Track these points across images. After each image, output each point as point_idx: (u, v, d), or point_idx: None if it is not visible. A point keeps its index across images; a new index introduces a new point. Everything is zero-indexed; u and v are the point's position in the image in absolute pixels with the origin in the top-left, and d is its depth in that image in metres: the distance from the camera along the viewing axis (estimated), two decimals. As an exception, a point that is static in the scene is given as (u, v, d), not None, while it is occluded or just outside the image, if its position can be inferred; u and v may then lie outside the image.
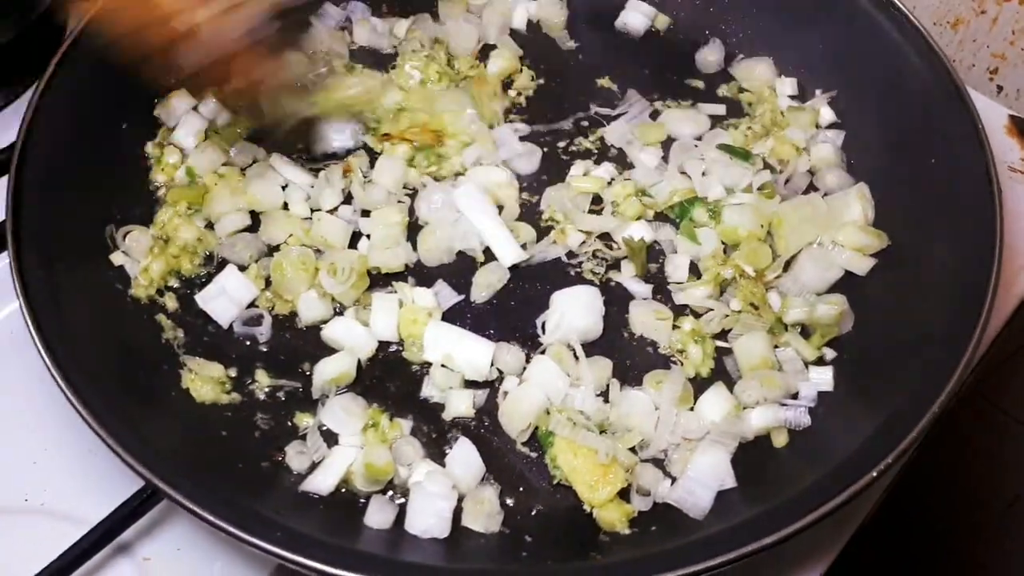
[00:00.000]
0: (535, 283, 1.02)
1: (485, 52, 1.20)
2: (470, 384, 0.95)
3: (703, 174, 1.08)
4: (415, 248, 1.03)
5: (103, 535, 0.86)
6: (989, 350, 1.05)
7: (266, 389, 0.95)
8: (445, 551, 0.82)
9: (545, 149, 1.12)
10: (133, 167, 1.04)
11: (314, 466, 0.90)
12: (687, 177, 1.09)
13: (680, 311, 1.00)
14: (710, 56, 1.21)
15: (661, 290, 1.02)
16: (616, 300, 1.01)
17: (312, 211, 1.05)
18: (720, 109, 1.16)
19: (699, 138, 1.12)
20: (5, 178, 0.93)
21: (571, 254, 1.04)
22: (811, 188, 1.09)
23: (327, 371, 0.94)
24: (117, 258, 0.98)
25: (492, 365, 0.94)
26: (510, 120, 1.14)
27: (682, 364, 0.96)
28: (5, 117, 1.15)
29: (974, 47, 1.46)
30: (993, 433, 1.87)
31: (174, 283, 1.00)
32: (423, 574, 0.74)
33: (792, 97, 1.16)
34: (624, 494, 0.87)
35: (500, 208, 1.06)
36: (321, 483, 0.87)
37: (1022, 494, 1.83)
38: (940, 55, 1.02)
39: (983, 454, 1.82)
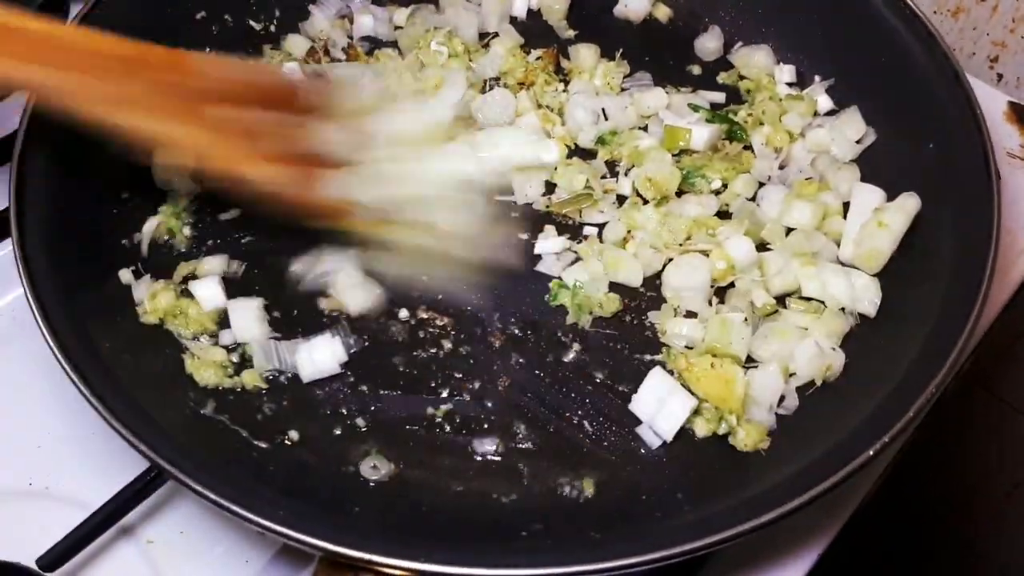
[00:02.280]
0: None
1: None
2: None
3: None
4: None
5: (106, 517, 0.87)
6: (988, 336, 1.05)
7: (266, 375, 0.95)
8: (448, 531, 0.83)
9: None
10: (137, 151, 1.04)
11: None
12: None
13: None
14: (709, 43, 1.21)
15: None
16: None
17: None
18: (719, 96, 1.16)
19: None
20: (8, 166, 0.94)
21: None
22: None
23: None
24: (124, 276, 0.98)
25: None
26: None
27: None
28: (9, 105, 1.15)
29: (974, 35, 1.46)
30: (992, 421, 1.87)
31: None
32: (423, 551, 0.74)
33: (790, 84, 1.17)
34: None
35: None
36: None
37: (1021, 482, 1.83)
38: (939, 41, 1.02)
39: (982, 442, 1.82)
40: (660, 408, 0.91)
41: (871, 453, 0.77)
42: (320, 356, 0.95)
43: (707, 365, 0.91)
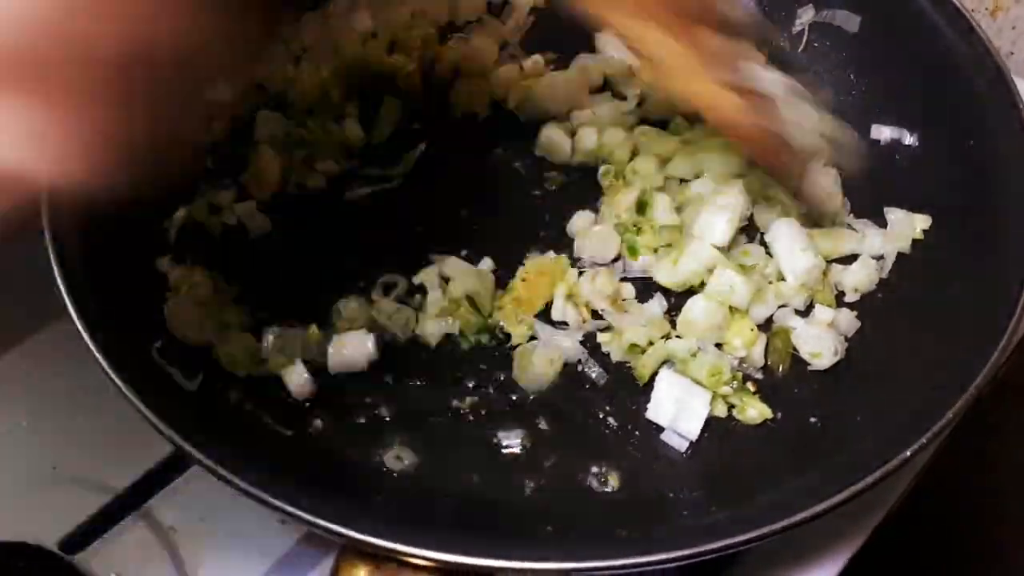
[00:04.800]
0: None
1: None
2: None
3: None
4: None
5: (129, 501, 0.87)
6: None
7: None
8: (473, 521, 0.82)
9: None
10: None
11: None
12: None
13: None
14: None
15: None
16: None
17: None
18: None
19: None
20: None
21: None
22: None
23: None
24: (162, 264, 0.97)
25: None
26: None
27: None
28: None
29: (1013, 34, 1.43)
30: (1021, 422, 1.84)
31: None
32: (449, 541, 0.73)
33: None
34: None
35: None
36: None
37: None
38: (982, 37, 1.00)
39: (1010, 444, 1.79)
40: (680, 410, 0.90)
41: (908, 454, 0.75)
42: (351, 352, 0.94)
43: None
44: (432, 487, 0.87)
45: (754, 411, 0.91)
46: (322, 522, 0.73)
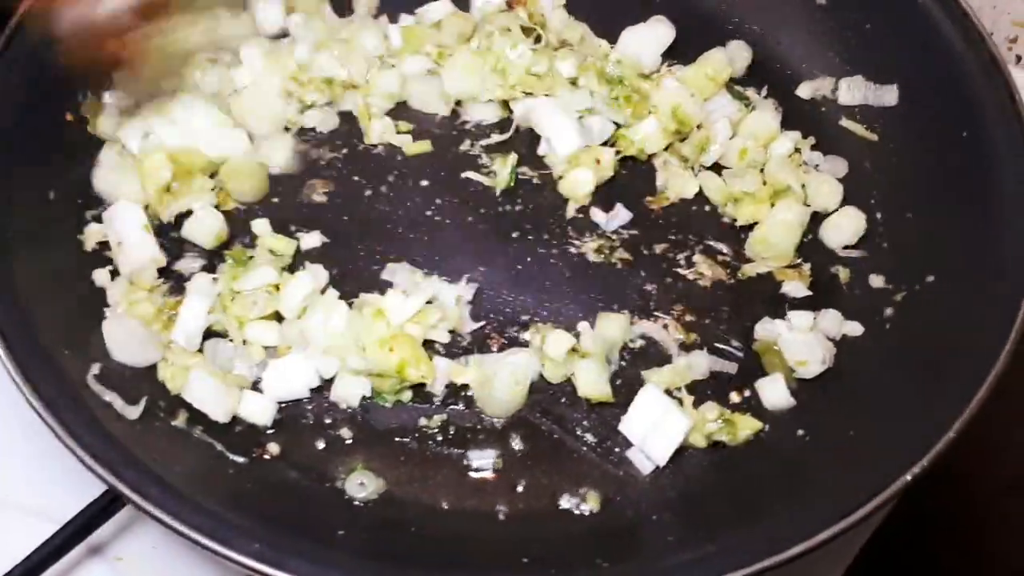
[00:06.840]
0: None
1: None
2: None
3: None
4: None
5: (73, 534, 0.81)
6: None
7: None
8: (442, 556, 0.78)
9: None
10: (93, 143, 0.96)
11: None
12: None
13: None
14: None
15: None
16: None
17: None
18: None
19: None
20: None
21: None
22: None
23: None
24: (100, 277, 0.90)
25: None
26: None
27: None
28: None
29: (993, 14, 1.39)
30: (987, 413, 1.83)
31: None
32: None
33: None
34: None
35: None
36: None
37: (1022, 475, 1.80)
38: (974, 21, 0.96)
39: (979, 435, 1.78)
40: (653, 430, 0.86)
41: (908, 479, 0.71)
42: (289, 378, 0.87)
43: None
44: (397, 517, 0.82)
45: (746, 431, 0.86)
46: (276, 572, 0.67)
